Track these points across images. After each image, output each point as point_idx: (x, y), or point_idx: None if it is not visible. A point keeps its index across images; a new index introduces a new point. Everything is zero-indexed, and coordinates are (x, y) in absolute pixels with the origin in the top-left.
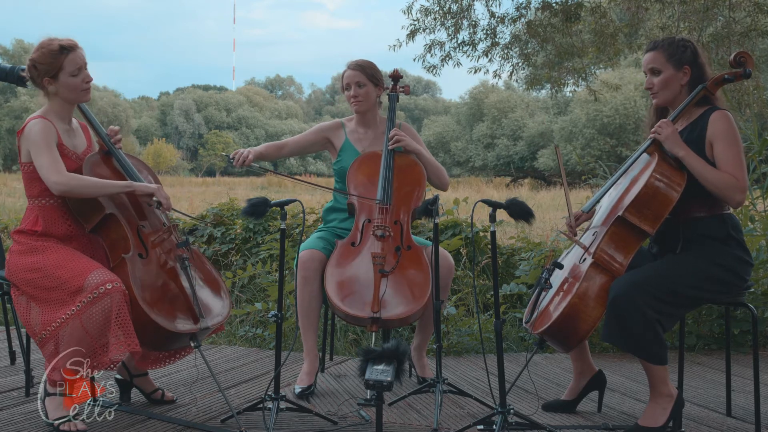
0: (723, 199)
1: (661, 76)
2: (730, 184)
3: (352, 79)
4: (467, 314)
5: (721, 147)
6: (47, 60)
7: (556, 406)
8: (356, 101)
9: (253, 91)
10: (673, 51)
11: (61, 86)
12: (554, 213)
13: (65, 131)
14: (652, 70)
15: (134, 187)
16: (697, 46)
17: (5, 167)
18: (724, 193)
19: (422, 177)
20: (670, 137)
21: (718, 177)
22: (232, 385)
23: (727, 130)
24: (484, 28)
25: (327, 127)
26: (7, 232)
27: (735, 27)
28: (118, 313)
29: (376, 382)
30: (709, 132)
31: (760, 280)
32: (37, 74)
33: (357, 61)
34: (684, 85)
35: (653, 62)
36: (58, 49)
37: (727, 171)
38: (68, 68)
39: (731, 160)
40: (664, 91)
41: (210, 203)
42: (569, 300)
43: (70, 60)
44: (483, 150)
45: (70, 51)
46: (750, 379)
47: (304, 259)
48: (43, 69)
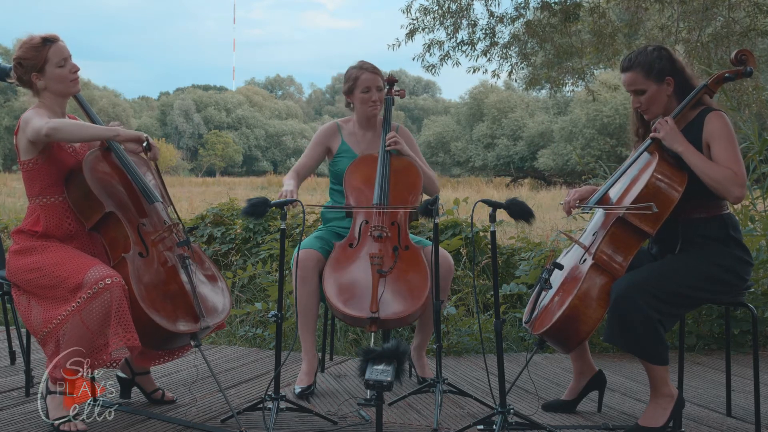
0: (723, 195)
1: (646, 95)
2: (729, 178)
3: (373, 83)
4: (467, 314)
5: (717, 145)
6: (31, 54)
7: (556, 406)
8: (375, 106)
9: (253, 91)
10: (650, 66)
11: (49, 79)
12: (554, 213)
13: None
14: (636, 92)
15: (119, 131)
16: (670, 50)
17: (5, 167)
18: (723, 187)
19: (418, 178)
20: (669, 133)
21: (717, 171)
22: (232, 385)
23: (723, 129)
24: (483, 27)
25: (324, 136)
26: (7, 232)
27: (734, 27)
28: (117, 307)
29: (376, 382)
30: (705, 133)
31: (760, 280)
32: (23, 71)
33: (372, 65)
34: (671, 95)
35: (634, 84)
36: (41, 42)
37: (726, 167)
38: (53, 59)
39: (729, 157)
40: (653, 107)
41: (210, 203)
42: (570, 301)
43: (54, 51)
44: (483, 150)
45: (52, 42)
46: (750, 379)
47: (301, 258)
48: (29, 64)
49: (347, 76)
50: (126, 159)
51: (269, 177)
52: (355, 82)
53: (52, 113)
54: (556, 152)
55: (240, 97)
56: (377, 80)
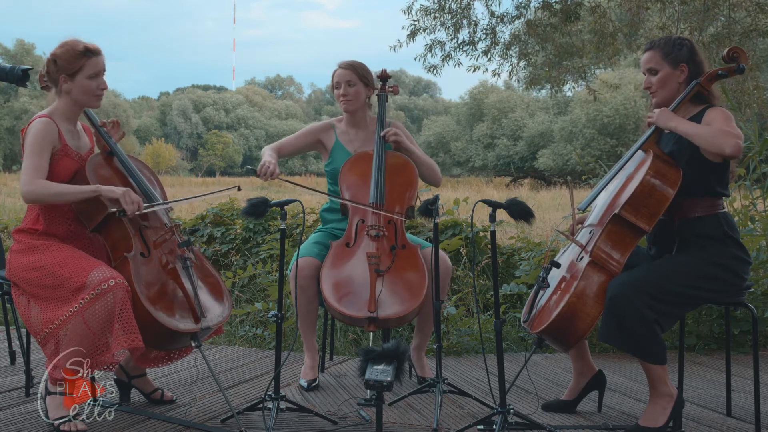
0: (718, 150)
1: (659, 75)
2: (721, 132)
3: (342, 78)
4: (467, 314)
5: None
6: (69, 58)
7: (556, 406)
8: (345, 100)
9: (252, 91)
10: (669, 50)
11: (75, 87)
12: (554, 213)
13: (69, 132)
14: (650, 70)
15: (101, 191)
16: (695, 44)
17: (5, 167)
18: (716, 142)
19: (414, 176)
20: (660, 115)
21: (708, 130)
22: (232, 385)
23: (721, 114)
24: (484, 27)
25: (317, 129)
26: (7, 232)
27: (735, 27)
28: (121, 309)
29: (376, 382)
30: (703, 122)
31: (760, 280)
32: (55, 69)
33: (348, 61)
34: (681, 83)
35: (650, 62)
36: (83, 50)
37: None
38: (87, 71)
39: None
40: (662, 90)
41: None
42: (567, 299)
43: (92, 63)
44: (483, 150)
45: (93, 55)
46: (750, 379)
47: (300, 267)
48: (63, 66)
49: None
50: (128, 163)
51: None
52: (332, 79)
53: (62, 118)
54: (556, 152)
55: (240, 97)
56: (346, 75)
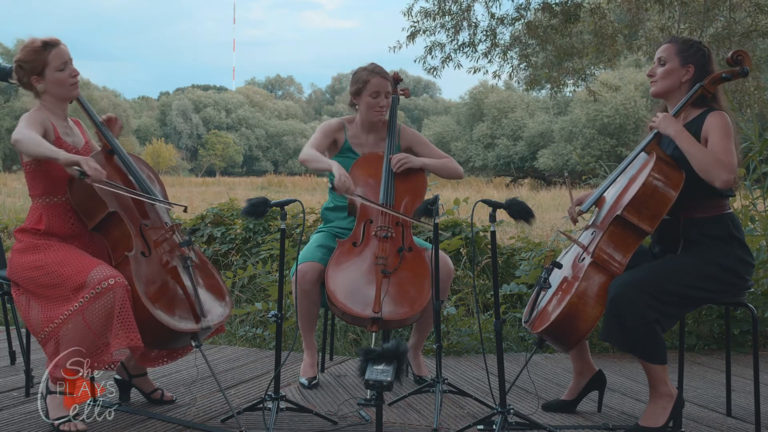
0: (709, 179)
1: (665, 67)
2: (716, 161)
3: (383, 89)
4: (467, 314)
5: (712, 137)
6: (32, 57)
7: (556, 406)
8: (382, 111)
9: (253, 91)
10: (685, 48)
11: (48, 83)
12: (554, 213)
13: (63, 127)
14: (660, 59)
15: (58, 154)
16: (712, 54)
17: (5, 167)
18: (709, 170)
19: (423, 182)
20: (662, 120)
21: (705, 154)
22: (232, 385)
23: (720, 123)
24: (484, 29)
25: (333, 129)
26: (7, 232)
27: (735, 27)
28: (120, 308)
29: (376, 382)
30: (703, 129)
31: (760, 280)
32: (24, 74)
33: (383, 69)
34: (684, 83)
35: (663, 52)
36: (42, 46)
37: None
38: (54, 63)
39: (721, 147)
40: (663, 81)
41: (210, 203)
42: (568, 299)
43: (55, 55)
44: (483, 150)
45: (53, 46)
46: (750, 379)
47: (302, 272)
48: (29, 67)
49: (357, 77)
50: (128, 161)
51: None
52: (365, 85)
53: (52, 115)
54: (556, 152)
55: (240, 97)
56: (387, 86)
